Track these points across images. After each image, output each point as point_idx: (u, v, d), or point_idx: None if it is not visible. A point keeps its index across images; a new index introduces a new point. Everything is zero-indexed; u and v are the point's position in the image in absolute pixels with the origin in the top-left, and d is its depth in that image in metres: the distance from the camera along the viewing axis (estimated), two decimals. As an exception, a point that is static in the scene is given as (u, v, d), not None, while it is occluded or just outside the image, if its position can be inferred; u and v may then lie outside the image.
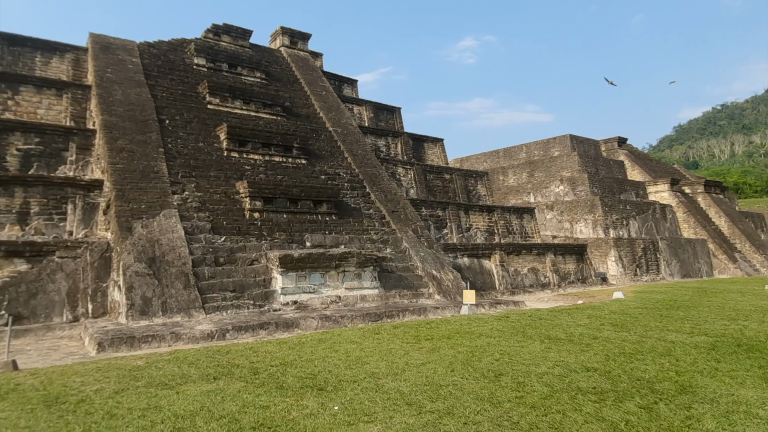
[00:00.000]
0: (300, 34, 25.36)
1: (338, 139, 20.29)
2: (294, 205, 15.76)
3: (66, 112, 16.26)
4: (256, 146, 17.20)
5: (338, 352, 6.99)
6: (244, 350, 7.41)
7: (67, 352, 9.09)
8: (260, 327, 10.70)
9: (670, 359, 6.54)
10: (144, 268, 11.75)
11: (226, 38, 22.48)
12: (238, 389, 5.38)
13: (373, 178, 19.23)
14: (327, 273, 13.93)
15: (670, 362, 6.38)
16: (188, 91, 18.47)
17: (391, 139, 24.01)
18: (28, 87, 15.90)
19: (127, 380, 5.84)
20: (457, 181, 24.09)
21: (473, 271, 19.52)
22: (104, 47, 18.10)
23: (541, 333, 8.32)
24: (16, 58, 17.04)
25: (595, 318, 10.49)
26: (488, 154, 41.45)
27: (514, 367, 5.94)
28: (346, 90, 26.23)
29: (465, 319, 10.06)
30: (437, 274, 16.16)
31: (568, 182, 31.84)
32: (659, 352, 6.96)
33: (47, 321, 11.46)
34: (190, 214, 13.82)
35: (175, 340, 9.70)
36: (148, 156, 14.68)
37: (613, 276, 25.58)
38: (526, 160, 37.47)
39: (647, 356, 6.72)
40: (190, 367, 6.46)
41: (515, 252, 21.13)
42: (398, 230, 17.22)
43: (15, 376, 6.14)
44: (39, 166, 14.47)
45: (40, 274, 11.70)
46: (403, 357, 6.53)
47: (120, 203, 12.97)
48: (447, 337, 7.79)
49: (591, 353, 6.81)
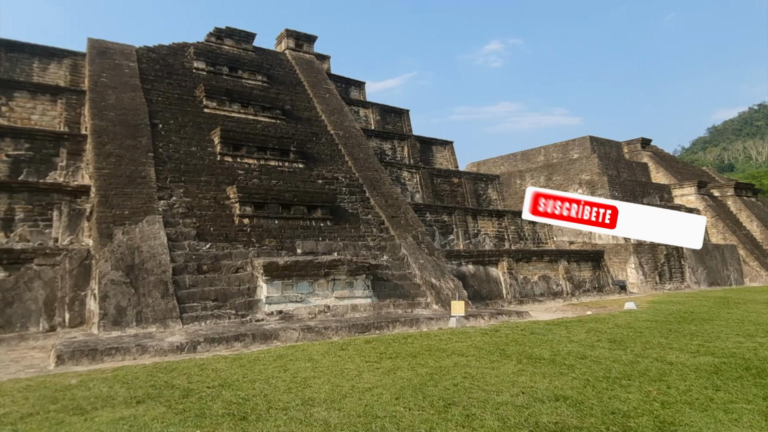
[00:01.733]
0: (305, 37, 24.97)
1: (339, 143, 19.74)
2: (286, 211, 15.24)
3: (60, 117, 16.13)
4: (251, 150, 16.76)
5: (288, 372, 6.36)
6: (190, 367, 6.84)
7: (27, 365, 8.67)
8: (235, 339, 10.13)
9: (661, 386, 5.69)
10: (121, 276, 11.34)
11: (229, 42, 22.21)
12: (153, 417, 4.80)
13: (373, 182, 18.59)
14: (316, 281, 13.33)
15: (659, 390, 5.54)
16: (185, 95, 18.19)
17: (398, 142, 23.36)
18: (23, 93, 15.82)
19: (44, 402, 5.32)
20: (466, 185, 23.27)
21: (479, 279, 18.67)
22: (101, 52, 17.97)
23: (523, 351, 7.52)
24: (14, 64, 17.02)
25: (594, 332, 9.61)
26: (505, 158, 40.41)
27: (471, 395, 5.20)
28: (353, 92, 25.71)
29: (447, 334, 9.31)
30: (436, 283, 15.39)
31: (587, 185, 30.63)
32: (650, 377, 6.11)
33: (22, 330, 11.14)
34: (176, 220, 13.41)
35: (142, 353, 9.20)
36: (136, 161, 14.36)
37: (633, 284, 24.32)
38: (544, 163, 36.34)
39: (635, 382, 5.88)
40: (123, 387, 5.91)
41: (525, 259, 20.18)
42: (397, 236, 16.53)
43: (-70, 396, 5.68)
44: (29, 172, 14.29)
45: (17, 282, 11.41)
46: (354, 379, 5.85)
47: (102, 209, 12.63)
48: (413, 356, 7.08)
49: (569, 377, 6.01)
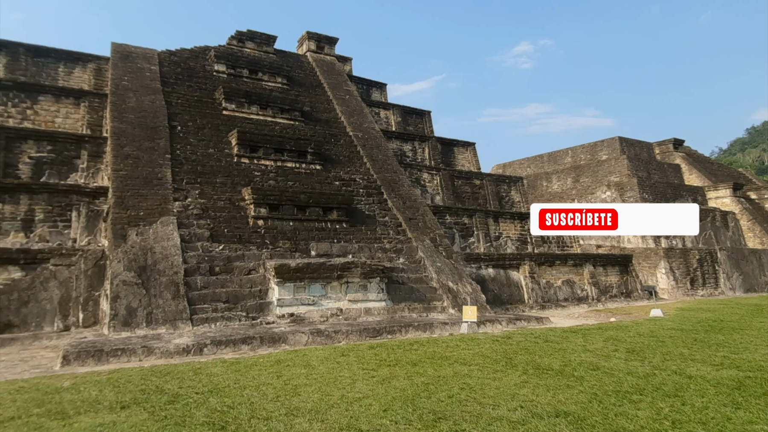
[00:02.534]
0: (327, 39, 24.93)
1: (358, 144, 19.57)
2: (302, 213, 15.12)
3: (83, 120, 16.42)
4: (268, 152, 16.74)
5: (281, 378, 6.16)
6: (186, 371, 6.72)
7: (34, 365, 8.73)
8: (243, 342, 10.01)
9: (675, 402, 5.26)
10: (133, 277, 11.38)
11: (250, 44, 22.32)
12: (133, 424, 4.66)
13: (392, 183, 18.34)
14: (328, 284, 13.14)
15: (672, 406, 5.12)
16: (204, 97, 18.31)
17: (418, 143, 23.05)
18: (47, 96, 16.16)
19: (29, 406, 5.26)
20: (488, 187, 22.79)
21: (499, 283, 18.20)
22: (124, 56, 18.26)
23: (531, 361, 7.14)
24: (40, 68, 17.43)
25: (613, 341, 9.12)
26: (532, 159, 39.61)
27: (465, 408, 4.89)
28: (374, 94, 25.53)
29: (456, 340, 8.97)
30: (454, 287, 15.03)
31: (615, 187, 29.69)
32: (665, 391, 5.67)
33: (37, 330, 11.30)
34: (190, 222, 13.43)
35: (147, 355, 9.16)
36: (153, 162, 14.47)
37: (663, 290, 23.38)
38: (571, 165, 35.44)
39: (647, 397, 5.46)
40: (113, 390, 5.81)
41: (547, 263, 19.60)
42: (414, 239, 16.23)
43: (-76, 396, 5.69)
44: (50, 174, 14.56)
45: (33, 282, 11.59)
46: (345, 388, 5.60)
47: (117, 210, 12.75)
48: (413, 364, 6.78)
49: (575, 391, 5.62)
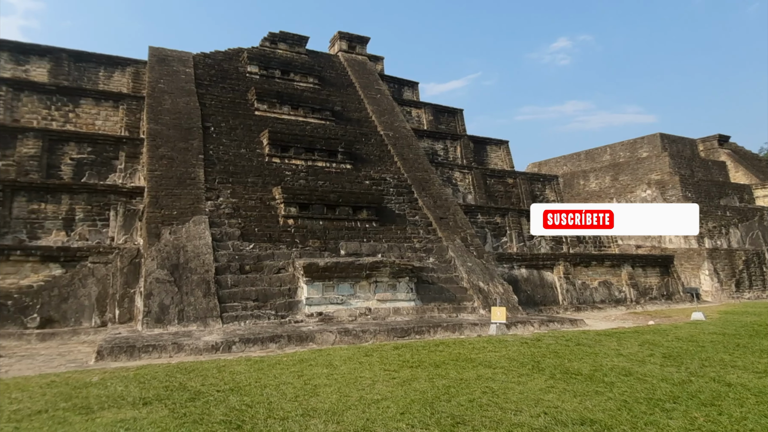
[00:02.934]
0: (358, 38, 24.96)
1: (389, 143, 19.50)
2: (331, 212, 15.16)
3: (122, 122, 16.93)
4: (299, 151, 16.86)
5: (302, 378, 6.14)
6: (210, 369, 6.79)
7: (70, 359, 9.02)
8: (270, 340, 10.08)
9: (711, 412, 4.97)
10: (165, 274, 11.65)
11: (283, 45, 22.57)
12: (152, 420, 4.72)
13: (422, 182, 18.20)
14: (357, 283, 13.12)
15: (707, 416, 4.83)
16: (237, 98, 18.60)
17: (450, 142, 22.81)
18: (88, 100, 16.74)
19: (57, 400, 5.40)
20: (521, 186, 22.35)
21: (532, 283, 17.80)
22: (161, 59, 18.74)
23: (560, 365, 6.90)
24: (82, 73, 18.07)
25: (649, 345, 8.75)
26: (568, 158, 38.68)
27: (485, 413, 4.74)
28: (406, 93, 25.41)
29: (483, 342, 8.77)
30: (484, 287, 14.78)
31: (656, 186, 28.66)
32: (701, 400, 5.37)
33: (76, 325, 11.70)
34: (221, 221, 13.65)
35: (177, 351, 9.34)
36: (187, 163, 14.78)
37: (707, 292, 22.40)
38: (609, 163, 34.41)
39: (681, 405, 5.18)
40: (138, 386, 5.92)
41: (583, 263, 19.05)
42: (444, 238, 16.05)
43: (-37, 388, 5.94)
44: (90, 175, 15.07)
45: (72, 279, 12.00)
46: (365, 389, 5.53)
47: (152, 209, 13.07)
48: (436, 365, 6.65)
49: (604, 397, 5.38)
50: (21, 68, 17.32)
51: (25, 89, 16.05)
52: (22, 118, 15.74)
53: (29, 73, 17.33)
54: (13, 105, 15.79)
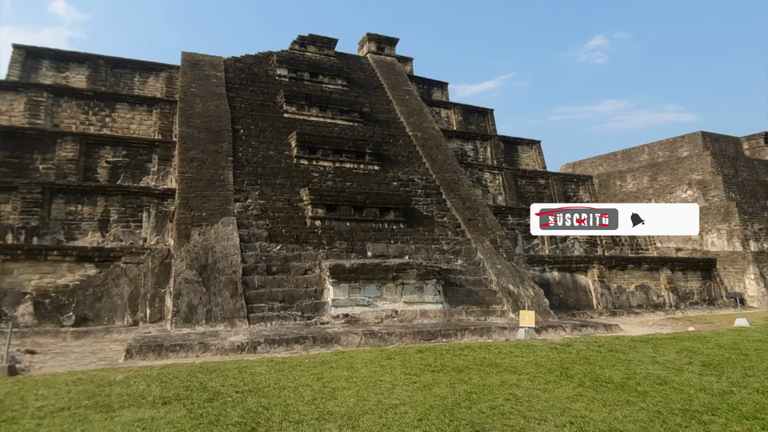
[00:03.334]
0: (387, 40, 24.90)
1: (417, 144, 19.34)
2: (358, 213, 15.10)
3: (155, 126, 17.32)
4: (327, 153, 16.89)
5: (321, 380, 6.06)
6: (231, 369, 6.78)
7: (101, 357, 9.20)
8: (296, 341, 10.06)
9: (753, 426, 4.63)
10: (194, 275, 11.80)
11: (312, 48, 22.71)
12: (169, 420, 4.71)
13: (451, 184, 17.96)
14: (384, 285, 13.01)
15: (749, 430, 4.51)
16: (267, 101, 18.78)
17: (480, 142, 22.47)
18: (123, 105, 17.19)
19: (80, 398, 5.47)
20: (553, 187, 21.81)
21: (565, 287, 17.31)
22: (193, 64, 19.10)
23: (590, 372, 6.60)
24: (118, 78, 18.60)
25: (688, 353, 8.32)
26: (604, 158, 37.62)
27: (507, 422, 4.54)
28: (435, 94, 25.20)
29: (510, 346, 8.51)
30: (514, 290, 14.44)
31: (697, 186, 27.55)
32: (742, 413, 5.02)
33: (109, 324, 11.97)
34: (249, 222, 13.76)
35: (204, 351, 9.41)
36: (217, 165, 14.98)
37: (753, 297, 21.34)
38: (648, 163, 33.28)
39: (720, 418, 4.85)
40: (159, 386, 5.95)
41: (619, 266, 18.42)
42: (473, 240, 15.77)
43: (-7, 384, 6.10)
44: (125, 177, 15.45)
45: (106, 279, 12.29)
46: (383, 393, 5.40)
47: (182, 211, 13.28)
48: (459, 370, 6.45)
49: (636, 407, 5.09)
50: (61, 75, 17.94)
51: (65, 95, 16.59)
52: (62, 123, 16.28)
53: (69, 79, 17.93)
54: (54, 110, 16.35)
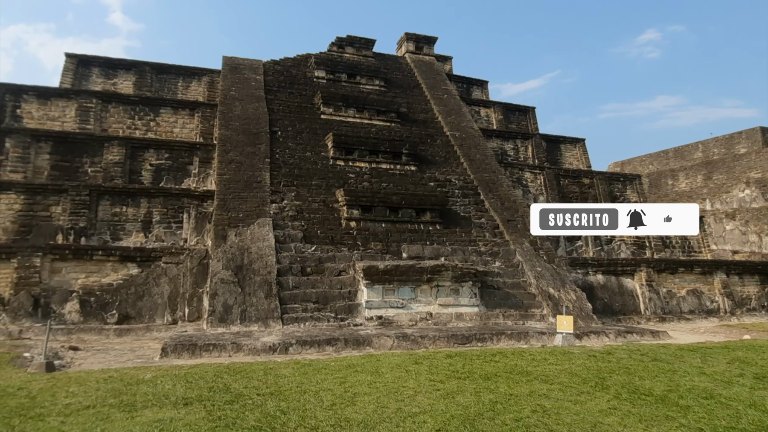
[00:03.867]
0: (425, 39, 24.67)
1: (455, 144, 19.04)
2: (394, 214, 14.98)
3: (197, 129, 17.75)
4: (363, 154, 16.85)
5: (344, 384, 5.95)
6: (256, 371, 6.79)
7: (139, 355, 9.45)
8: (327, 343, 10.02)
9: (809, 449, 4.20)
10: (230, 275, 11.97)
11: (350, 49, 22.76)
12: (188, 422, 4.72)
13: (489, 184, 17.56)
14: (418, 287, 12.82)
15: (803, 454, 4.08)
16: (304, 102, 18.94)
17: (521, 141, 21.91)
18: (166, 109, 17.71)
19: (107, 396, 5.58)
20: (598, 186, 21.00)
21: (609, 291, 16.60)
22: (233, 68, 19.48)
23: (629, 383, 6.21)
24: (163, 84, 19.19)
25: (740, 364, 7.75)
26: (655, 156, 36.06)
27: (531, 435, 4.29)
28: (475, 92, 24.77)
29: (545, 353, 8.16)
30: (555, 293, 13.95)
31: (756, 185, 25.95)
32: (798, 433, 4.57)
33: (150, 322, 12.31)
34: (285, 223, 13.87)
35: (236, 351, 9.51)
36: (254, 167, 15.20)
37: (819, 304, 19.82)
38: (702, 161, 31.66)
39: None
40: (184, 386, 6.01)
41: (669, 269, 17.52)
42: (512, 242, 15.35)
43: (30, 380, 6.31)
44: (167, 179, 15.89)
45: (147, 278, 12.65)
46: (404, 401, 5.23)
47: (219, 212, 13.52)
48: (487, 377, 6.19)
49: (676, 423, 4.72)
50: (110, 82, 18.68)
51: (113, 101, 17.24)
52: (110, 128, 16.92)
53: (117, 86, 18.64)
54: (102, 116, 17.01)
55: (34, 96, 16.51)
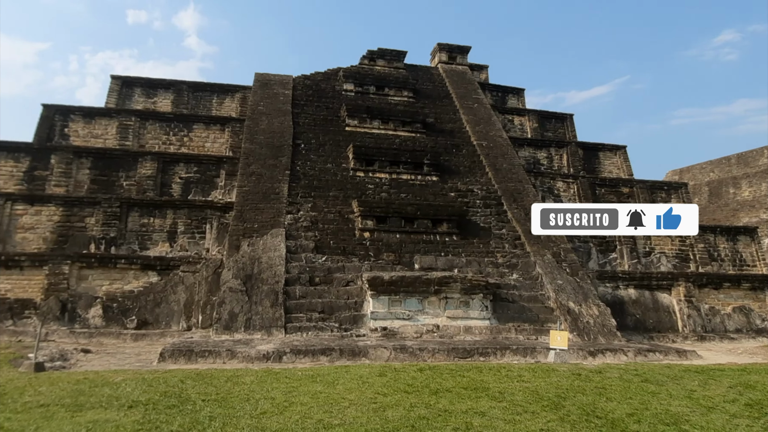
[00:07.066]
0: (458, 49, 24.50)
1: (481, 153, 18.71)
2: (409, 225, 14.89)
3: (227, 143, 18.47)
4: (383, 164, 16.90)
5: (288, 394, 5.93)
6: (221, 378, 6.93)
7: (141, 359, 9.89)
8: (322, 353, 10.08)
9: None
10: (239, 284, 12.32)
11: (381, 62, 22.98)
12: (119, 424, 4.92)
13: (514, 194, 17.09)
14: (426, 299, 12.65)
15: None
16: (330, 115, 19.27)
17: (555, 150, 21.20)
18: (199, 125, 18.56)
19: (65, 396, 5.90)
20: (638, 196, 19.92)
21: (643, 306, 15.67)
22: (264, 84, 20.17)
23: (590, 404, 5.80)
24: (198, 101, 20.15)
25: (742, 388, 7.06)
26: (716, 163, 33.74)
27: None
28: (510, 101, 24.27)
29: (526, 369, 7.77)
30: (575, 308, 13.33)
31: (828, 193, 23.68)
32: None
33: (166, 328, 12.87)
34: (298, 233, 14.12)
35: (230, 358, 9.74)
36: (274, 178, 15.60)
37: None
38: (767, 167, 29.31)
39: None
40: (143, 390, 6.24)
41: (712, 284, 16.32)
42: (533, 253, 14.83)
43: (12, 378, 6.78)
44: (196, 192, 16.62)
45: (165, 286, 13.26)
46: (332, 413, 5.15)
47: (236, 223, 13.98)
48: (435, 392, 5.97)
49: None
50: (150, 101, 19.85)
51: (150, 118, 18.30)
52: (147, 144, 17.95)
53: (156, 104, 19.77)
54: (140, 133, 18.09)
55: (80, 115, 17.80)
